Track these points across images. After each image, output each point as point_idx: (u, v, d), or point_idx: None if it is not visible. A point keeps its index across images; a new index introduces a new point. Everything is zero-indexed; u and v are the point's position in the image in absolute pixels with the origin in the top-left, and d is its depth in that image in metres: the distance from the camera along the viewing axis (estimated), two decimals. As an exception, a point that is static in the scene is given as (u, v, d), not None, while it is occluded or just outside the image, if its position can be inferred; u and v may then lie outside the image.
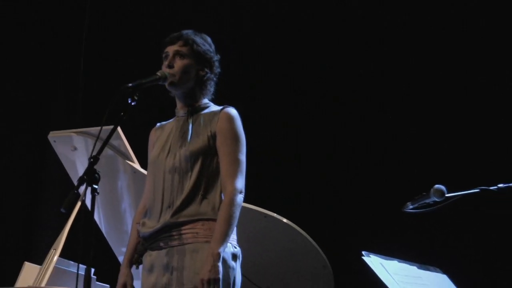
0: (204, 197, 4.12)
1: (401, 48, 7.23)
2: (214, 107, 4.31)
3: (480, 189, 4.20)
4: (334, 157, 7.33)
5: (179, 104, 4.35)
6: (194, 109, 4.29)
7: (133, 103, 4.04)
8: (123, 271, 4.23)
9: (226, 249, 4.03)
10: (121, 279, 4.21)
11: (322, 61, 7.51)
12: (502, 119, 6.69)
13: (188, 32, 4.31)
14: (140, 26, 8.30)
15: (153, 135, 4.45)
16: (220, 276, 3.93)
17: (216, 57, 4.35)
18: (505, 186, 4.13)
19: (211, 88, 4.34)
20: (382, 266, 4.39)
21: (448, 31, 7.12)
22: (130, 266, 4.24)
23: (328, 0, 7.65)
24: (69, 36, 8.35)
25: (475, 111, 6.85)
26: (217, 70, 4.36)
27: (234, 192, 4.07)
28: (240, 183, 4.12)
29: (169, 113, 4.47)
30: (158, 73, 4.22)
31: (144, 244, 4.21)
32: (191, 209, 4.10)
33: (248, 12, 7.91)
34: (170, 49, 4.27)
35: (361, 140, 7.33)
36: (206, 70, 4.29)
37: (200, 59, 4.27)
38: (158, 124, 4.47)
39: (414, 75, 7.29)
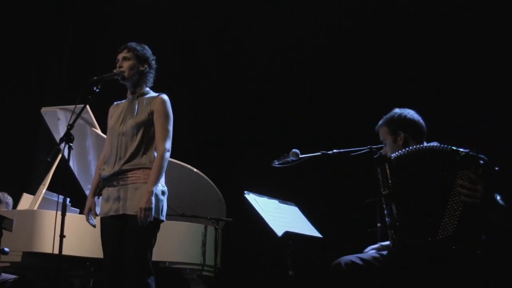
0: (144, 153, 4.07)
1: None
2: (153, 93, 4.28)
3: (322, 152, 4.18)
4: (232, 127, 7.19)
5: (129, 91, 4.30)
6: (139, 94, 4.24)
7: (97, 90, 4.04)
8: (89, 200, 4.17)
9: (158, 188, 3.99)
10: (87, 205, 4.15)
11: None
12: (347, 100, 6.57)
13: (132, 43, 4.27)
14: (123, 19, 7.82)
15: (111, 110, 4.39)
16: (153, 206, 3.92)
17: (152, 57, 4.29)
18: (338, 151, 4.08)
19: (150, 79, 4.29)
20: (256, 201, 4.41)
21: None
22: (94, 197, 4.18)
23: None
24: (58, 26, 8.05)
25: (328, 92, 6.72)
26: (154, 66, 4.30)
27: (164, 150, 4.06)
28: (168, 144, 4.10)
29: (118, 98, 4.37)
30: (115, 71, 4.20)
31: (104, 182, 4.15)
32: (135, 161, 4.06)
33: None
34: (120, 56, 4.25)
35: (246, 111, 7.17)
36: (145, 66, 4.24)
37: (140, 59, 4.22)
38: (115, 102, 4.40)
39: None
